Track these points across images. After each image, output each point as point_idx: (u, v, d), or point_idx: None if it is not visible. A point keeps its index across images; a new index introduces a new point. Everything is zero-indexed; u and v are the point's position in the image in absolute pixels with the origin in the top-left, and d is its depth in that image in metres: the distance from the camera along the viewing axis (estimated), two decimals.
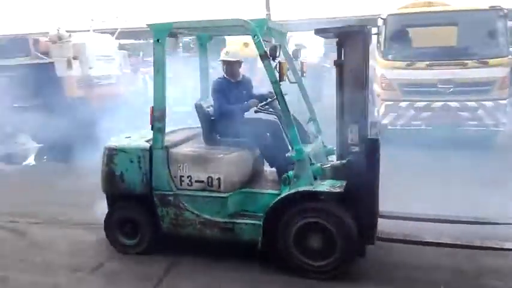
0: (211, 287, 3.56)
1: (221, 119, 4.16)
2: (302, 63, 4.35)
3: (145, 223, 4.08)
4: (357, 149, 3.51)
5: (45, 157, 9.34)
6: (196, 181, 3.91)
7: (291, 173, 3.61)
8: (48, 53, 9.13)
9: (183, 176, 3.94)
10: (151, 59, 14.54)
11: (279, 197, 3.57)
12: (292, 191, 3.52)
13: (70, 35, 9.23)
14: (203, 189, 3.89)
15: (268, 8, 12.98)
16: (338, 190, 3.41)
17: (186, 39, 11.47)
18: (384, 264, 3.77)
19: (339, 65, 3.61)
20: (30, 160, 9.44)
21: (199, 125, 4.36)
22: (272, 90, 3.85)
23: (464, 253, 3.74)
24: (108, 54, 10.22)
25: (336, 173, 3.64)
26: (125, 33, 15.74)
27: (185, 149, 4.10)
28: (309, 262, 3.56)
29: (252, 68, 12.06)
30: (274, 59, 3.53)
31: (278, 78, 3.47)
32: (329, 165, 3.70)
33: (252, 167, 4.16)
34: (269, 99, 4.15)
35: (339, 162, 3.68)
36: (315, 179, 3.58)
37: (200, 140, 4.32)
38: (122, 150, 4.10)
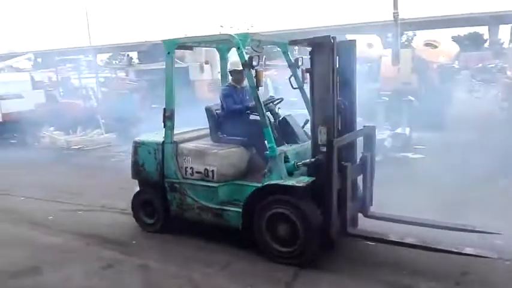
0: None
1: (227, 119, 4.64)
2: (302, 70, 4.51)
3: (160, 206, 4.81)
4: (325, 149, 3.73)
5: None
6: (196, 172, 4.52)
7: None
8: (183, 58, 9.88)
9: (187, 167, 4.58)
10: (274, 62, 14.89)
11: (254, 189, 4.06)
12: (265, 184, 3.97)
13: None
14: (201, 179, 4.48)
15: (395, 6, 12.30)
16: (301, 185, 3.75)
17: None
18: (357, 260, 3.99)
19: (309, 71, 3.83)
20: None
21: None
22: (273, 95, 4.70)
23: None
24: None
25: (308, 170, 3.95)
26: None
27: (190, 145, 4.69)
28: (277, 248, 3.97)
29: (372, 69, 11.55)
30: (252, 68, 3.97)
31: (255, 84, 3.97)
32: (302, 163, 3.98)
33: (248, 162, 4.53)
34: (268, 102, 4.59)
35: (308, 160, 3.92)
36: (291, 174, 3.96)
37: (209, 138, 4.83)
38: (143, 143, 4.94)
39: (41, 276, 3.98)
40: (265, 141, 4.21)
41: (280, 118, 4.63)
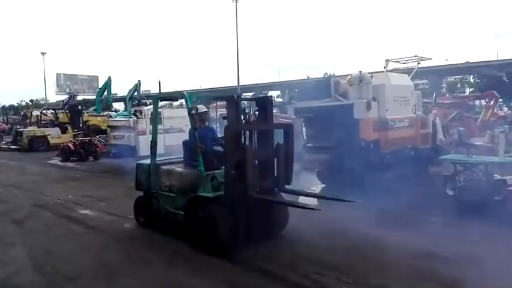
0: None
1: (191, 150, 5.93)
2: None
3: (148, 208, 6.57)
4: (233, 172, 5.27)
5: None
6: (166, 186, 6.23)
7: None
8: (345, 95, 9.11)
9: (162, 182, 6.29)
10: (444, 99, 13.11)
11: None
12: (194, 195, 5.67)
13: (372, 76, 8.98)
14: (168, 191, 6.18)
15: None
16: (210, 195, 5.44)
17: None
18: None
19: (225, 118, 5.68)
20: (313, 201, 9.37)
21: None
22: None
23: None
24: (405, 95, 9.50)
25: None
26: (421, 73, 14.78)
27: (165, 167, 6.40)
28: (201, 240, 5.57)
29: None
30: (191, 115, 5.91)
31: (194, 125, 5.88)
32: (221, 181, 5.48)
33: None
34: (219, 138, 6.25)
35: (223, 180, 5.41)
36: (217, 189, 5.48)
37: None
38: (140, 164, 6.89)
39: None
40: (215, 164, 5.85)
41: None
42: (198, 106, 6.52)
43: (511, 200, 6.74)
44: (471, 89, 49.07)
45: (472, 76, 55.69)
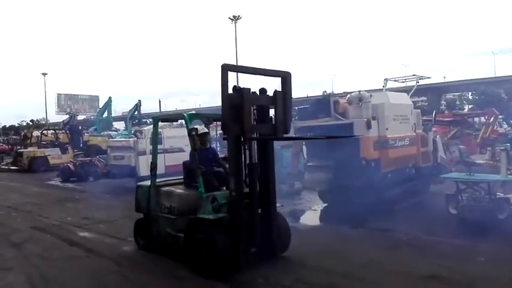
0: None
1: (192, 171, 5.89)
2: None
3: (148, 231, 6.46)
4: (234, 193, 5.31)
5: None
6: (165, 207, 6.16)
7: None
8: (345, 114, 9.13)
9: (162, 204, 6.23)
10: (444, 117, 13.02)
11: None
12: (194, 217, 5.59)
13: (371, 95, 8.99)
14: (168, 213, 6.08)
15: None
16: (211, 218, 5.30)
17: None
18: None
19: (225, 139, 5.51)
20: (315, 221, 9.37)
21: None
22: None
23: None
24: (404, 114, 9.51)
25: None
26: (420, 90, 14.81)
27: (165, 188, 6.33)
28: (201, 264, 5.39)
29: None
30: (191, 136, 6.01)
31: (194, 146, 5.99)
32: (222, 203, 5.42)
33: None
34: (219, 158, 6.46)
35: (224, 201, 5.42)
36: (218, 211, 5.36)
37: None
38: (140, 186, 6.87)
39: None
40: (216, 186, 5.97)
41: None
42: (198, 127, 6.47)
43: None
44: (470, 106, 49.26)
45: (470, 93, 56.01)
